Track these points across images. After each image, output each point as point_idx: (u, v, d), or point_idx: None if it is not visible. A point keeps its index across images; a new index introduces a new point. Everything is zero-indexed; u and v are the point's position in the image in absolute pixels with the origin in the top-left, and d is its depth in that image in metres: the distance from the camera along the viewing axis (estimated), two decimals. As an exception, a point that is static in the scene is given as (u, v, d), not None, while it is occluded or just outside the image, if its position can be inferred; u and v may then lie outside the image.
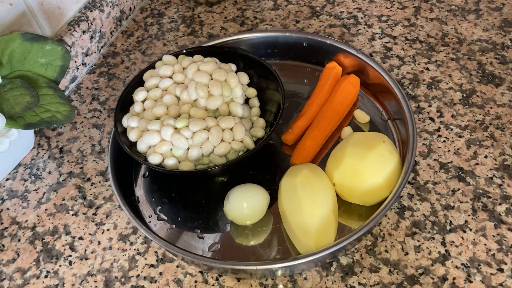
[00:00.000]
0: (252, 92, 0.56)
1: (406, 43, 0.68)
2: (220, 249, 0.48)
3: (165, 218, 0.51)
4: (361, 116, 0.58)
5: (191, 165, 0.49)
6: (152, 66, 0.57)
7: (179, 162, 0.50)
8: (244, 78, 0.55)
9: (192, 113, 0.51)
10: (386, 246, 0.48)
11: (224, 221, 0.51)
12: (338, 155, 0.49)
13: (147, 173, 0.56)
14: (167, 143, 0.49)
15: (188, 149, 0.49)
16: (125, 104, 0.55)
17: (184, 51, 0.58)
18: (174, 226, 0.51)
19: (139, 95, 0.53)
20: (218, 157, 0.50)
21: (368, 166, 0.47)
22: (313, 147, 0.54)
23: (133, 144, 0.52)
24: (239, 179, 0.51)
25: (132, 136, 0.51)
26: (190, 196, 0.53)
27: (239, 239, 0.49)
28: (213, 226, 0.50)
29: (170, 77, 0.54)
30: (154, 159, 0.49)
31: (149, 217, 0.52)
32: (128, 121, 0.52)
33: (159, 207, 0.53)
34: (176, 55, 0.58)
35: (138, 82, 0.56)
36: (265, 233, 0.49)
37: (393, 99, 0.55)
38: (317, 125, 0.55)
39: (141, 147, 0.50)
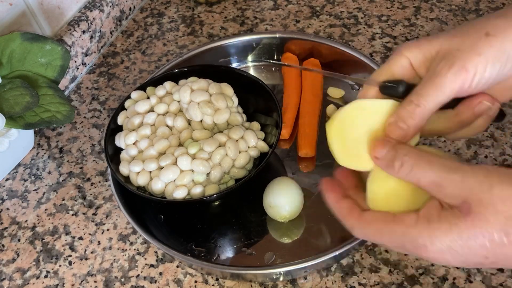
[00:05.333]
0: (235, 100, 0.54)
1: (406, 43, 0.68)
2: (276, 258, 0.48)
3: (204, 249, 0.49)
4: (335, 92, 0.61)
5: (216, 187, 0.48)
6: (121, 109, 0.54)
7: (204, 187, 0.48)
8: (230, 89, 0.54)
9: (196, 136, 0.50)
10: (386, 246, 0.48)
11: (263, 230, 0.50)
12: None
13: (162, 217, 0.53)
14: (188, 172, 0.47)
15: (209, 172, 0.48)
16: (111, 150, 0.52)
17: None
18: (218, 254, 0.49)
19: (130, 137, 0.50)
20: (239, 169, 0.49)
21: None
22: (313, 132, 0.56)
23: (128, 181, 0.49)
24: (256, 184, 0.50)
25: (141, 180, 0.48)
26: (219, 219, 0.52)
27: (287, 239, 0.49)
28: (257, 239, 0.49)
29: (151, 111, 0.52)
30: (179, 194, 0.46)
31: (187, 243, 0.50)
32: (131, 167, 0.48)
33: (193, 241, 0.50)
34: (142, 88, 0.55)
35: (113, 129, 0.53)
36: (302, 226, 0.50)
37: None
38: (306, 112, 0.58)
39: (157, 186, 0.47)
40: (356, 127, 0.38)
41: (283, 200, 0.47)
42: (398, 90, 0.36)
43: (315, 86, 0.60)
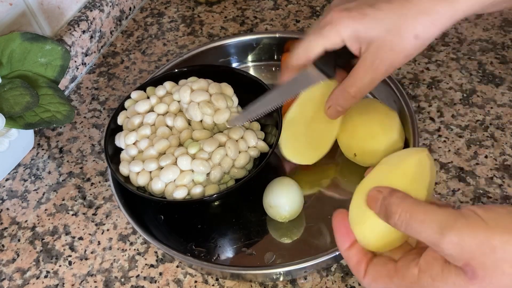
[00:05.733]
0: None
1: (406, 43, 0.67)
2: (276, 258, 0.48)
3: (204, 249, 0.49)
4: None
5: (216, 187, 0.48)
6: (121, 108, 0.54)
7: (204, 187, 0.48)
8: (230, 89, 0.54)
9: (196, 136, 0.50)
10: (386, 246, 0.48)
11: (263, 230, 0.50)
12: (349, 128, 0.51)
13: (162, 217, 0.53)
14: (188, 172, 0.47)
15: (209, 172, 0.47)
16: (111, 150, 0.52)
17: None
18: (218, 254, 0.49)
19: (130, 137, 0.50)
20: (239, 169, 0.49)
21: (379, 126, 0.50)
22: None
23: (128, 181, 0.49)
24: (256, 184, 0.50)
25: (141, 180, 0.48)
26: (218, 219, 0.52)
27: (288, 239, 0.49)
28: (257, 239, 0.49)
29: (151, 111, 0.52)
30: (179, 194, 0.46)
31: (187, 245, 0.50)
32: (131, 167, 0.48)
33: (193, 241, 0.50)
34: (142, 88, 0.55)
35: (113, 129, 0.53)
36: (302, 227, 0.50)
37: (394, 98, 0.55)
38: None
39: (157, 186, 0.47)
40: (301, 136, 0.49)
41: (283, 200, 0.47)
42: (330, 75, 0.43)
43: None
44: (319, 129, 0.50)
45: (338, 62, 0.43)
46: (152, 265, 0.49)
